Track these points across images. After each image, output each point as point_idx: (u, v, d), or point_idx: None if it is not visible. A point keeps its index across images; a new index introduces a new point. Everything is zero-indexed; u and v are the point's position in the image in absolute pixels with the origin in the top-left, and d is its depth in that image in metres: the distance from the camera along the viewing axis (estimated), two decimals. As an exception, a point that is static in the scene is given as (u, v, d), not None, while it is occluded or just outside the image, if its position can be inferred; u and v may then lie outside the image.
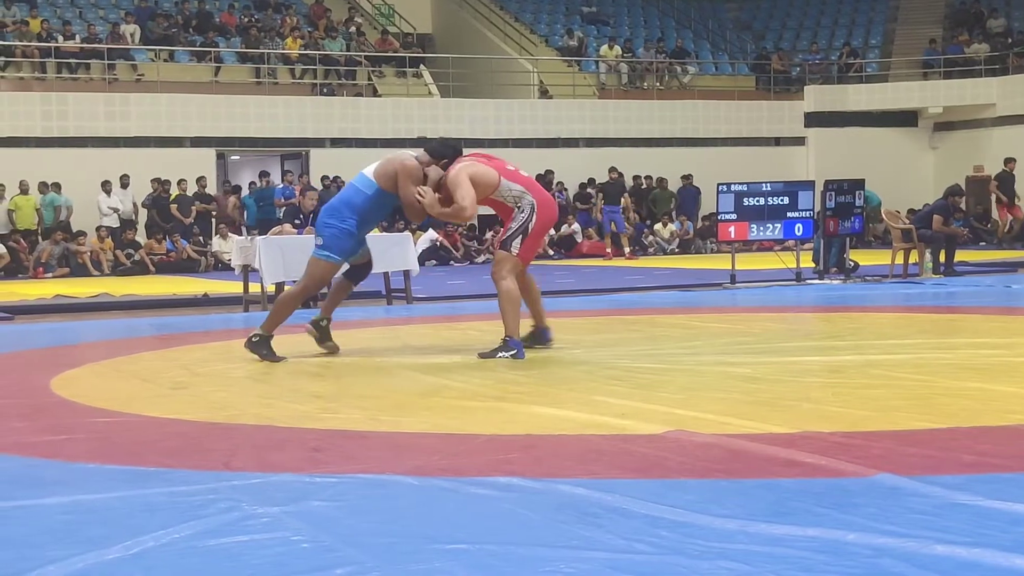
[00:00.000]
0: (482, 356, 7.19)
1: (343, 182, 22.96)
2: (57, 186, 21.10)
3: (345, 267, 7.88)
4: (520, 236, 7.31)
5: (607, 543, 3.11)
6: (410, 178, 7.41)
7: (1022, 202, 24.46)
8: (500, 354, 7.16)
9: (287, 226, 12.40)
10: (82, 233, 20.33)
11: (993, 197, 24.63)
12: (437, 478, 3.96)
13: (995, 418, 4.80)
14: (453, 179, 7.30)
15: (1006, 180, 24.28)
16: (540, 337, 7.69)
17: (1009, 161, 24.29)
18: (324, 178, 22.81)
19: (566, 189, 24.95)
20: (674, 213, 24.95)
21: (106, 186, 21.22)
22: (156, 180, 21.74)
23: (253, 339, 7.53)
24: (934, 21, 30.43)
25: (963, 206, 19.73)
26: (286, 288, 8.01)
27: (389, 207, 7.84)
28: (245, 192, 22.70)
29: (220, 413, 5.54)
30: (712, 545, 3.05)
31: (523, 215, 7.32)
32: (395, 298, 12.68)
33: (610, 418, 4.99)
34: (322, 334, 7.80)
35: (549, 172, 24.18)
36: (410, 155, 7.60)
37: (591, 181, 24.56)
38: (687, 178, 25.42)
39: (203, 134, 23.13)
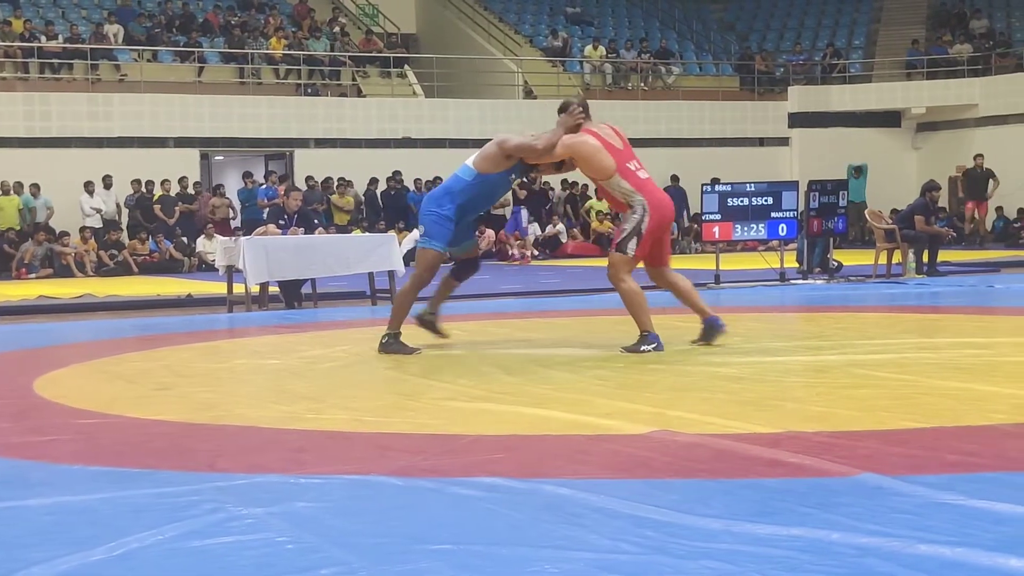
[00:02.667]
0: (626, 350, 7.25)
1: (316, 183, 22.99)
2: (35, 187, 21.02)
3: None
4: (635, 237, 7.32)
5: (592, 543, 3.12)
6: (508, 140, 7.59)
7: (993, 199, 24.63)
8: (643, 347, 7.24)
9: (271, 226, 12.38)
10: (65, 234, 20.27)
11: (960, 193, 24.93)
12: (422, 479, 3.96)
13: (978, 418, 4.82)
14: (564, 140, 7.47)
15: (974, 176, 24.46)
16: (712, 329, 7.51)
17: (977, 157, 24.50)
18: (309, 179, 22.79)
19: (552, 188, 24.97)
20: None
21: (89, 187, 21.17)
22: (139, 181, 21.70)
23: (384, 341, 7.60)
24: (917, 22, 30.53)
25: (941, 203, 19.83)
26: (406, 288, 8.15)
27: (491, 193, 7.99)
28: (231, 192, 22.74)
29: (205, 414, 5.53)
30: (697, 545, 3.06)
31: (635, 216, 7.33)
32: (380, 299, 12.67)
33: (595, 418, 5.00)
34: (430, 327, 7.95)
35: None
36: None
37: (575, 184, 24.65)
38: (675, 179, 25.46)
39: (187, 134, 23.07)
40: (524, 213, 23.31)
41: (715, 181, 16.73)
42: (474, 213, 8.01)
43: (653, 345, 7.28)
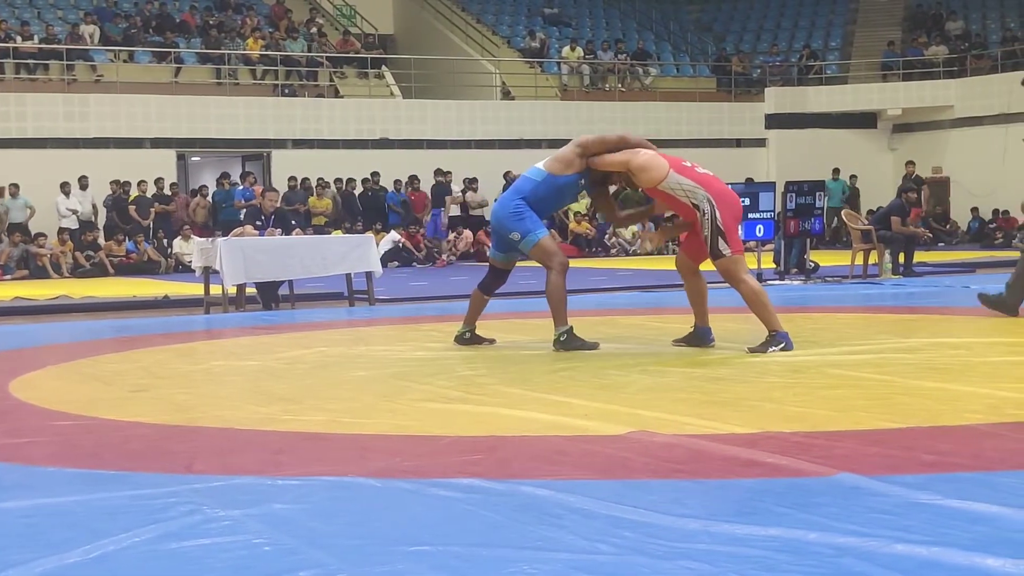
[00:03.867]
0: (752, 351, 7.09)
1: (296, 183, 22.95)
2: (15, 187, 20.91)
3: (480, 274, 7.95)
4: (719, 237, 7.21)
5: (570, 544, 3.12)
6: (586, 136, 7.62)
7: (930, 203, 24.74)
8: (771, 348, 7.07)
9: (248, 227, 12.35)
10: (41, 235, 20.18)
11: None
12: (400, 480, 3.95)
13: (954, 418, 4.84)
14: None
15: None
16: (700, 339, 7.51)
17: (908, 164, 24.58)
18: (290, 179, 22.78)
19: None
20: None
21: (65, 188, 21.07)
22: (115, 182, 21.62)
23: (561, 339, 7.52)
24: (893, 23, 30.66)
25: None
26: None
27: (559, 197, 7.91)
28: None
29: (181, 415, 5.51)
30: (674, 545, 3.06)
31: (705, 217, 7.22)
32: (357, 299, 12.65)
33: (573, 419, 5.00)
34: (472, 343, 7.90)
35: (509, 174, 24.21)
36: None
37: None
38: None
39: (163, 135, 23.00)
40: (443, 216, 23.25)
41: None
42: (543, 214, 7.95)
43: (782, 345, 7.09)
